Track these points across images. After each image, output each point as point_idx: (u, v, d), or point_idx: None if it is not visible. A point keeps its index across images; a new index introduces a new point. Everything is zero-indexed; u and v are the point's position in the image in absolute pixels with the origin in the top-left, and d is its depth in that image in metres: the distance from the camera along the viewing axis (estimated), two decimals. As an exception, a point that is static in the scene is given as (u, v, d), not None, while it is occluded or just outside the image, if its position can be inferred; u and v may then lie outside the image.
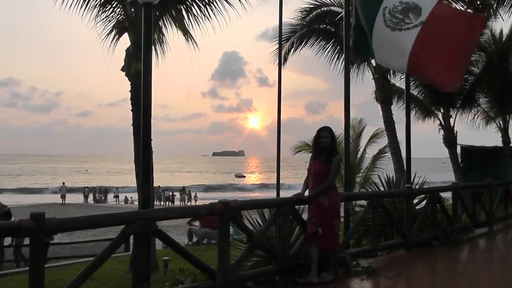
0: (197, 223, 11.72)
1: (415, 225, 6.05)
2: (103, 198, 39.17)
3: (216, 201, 3.85)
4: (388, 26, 5.50)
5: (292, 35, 11.30)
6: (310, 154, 4.60)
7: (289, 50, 11.32)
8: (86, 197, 38.17)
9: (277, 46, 9.57)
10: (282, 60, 9.32)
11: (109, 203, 37.28)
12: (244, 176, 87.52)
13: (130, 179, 53.73)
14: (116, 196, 39.05)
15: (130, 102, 7.60)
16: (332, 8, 11.13)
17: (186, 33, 8.04)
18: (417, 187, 7.14)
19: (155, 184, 26.80)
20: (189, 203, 35.30)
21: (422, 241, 6.16)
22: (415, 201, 6.58)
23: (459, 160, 14.56)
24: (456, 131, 14.64)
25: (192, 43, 8.07)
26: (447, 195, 7.43)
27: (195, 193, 37.58)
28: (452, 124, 14.60)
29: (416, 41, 5.26)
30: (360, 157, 12.93)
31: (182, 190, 37.14)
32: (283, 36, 9.88)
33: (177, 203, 35.13)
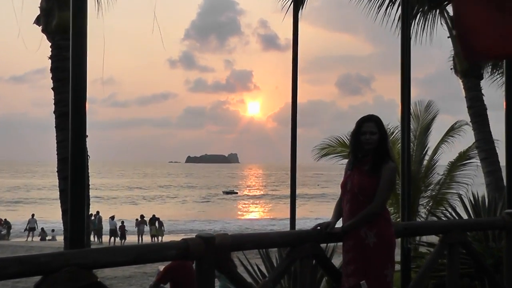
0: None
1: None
2: (3, 232, 39.27)
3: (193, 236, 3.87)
4: None
5: None
6: (346, 160, 4.62)
7: None
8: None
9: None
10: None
11: (14, 240, 37.25)
12: (236, 193, 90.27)
13: (51, 202, 53.83)
14: (30, 229, 39.15)
15: (50, 75, 7.65)
16: None
17: None
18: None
19: (91, 211, 26.90)
20: (154, 239, 35.46)
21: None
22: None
23: None
24: None
25: None
26: None
27: (157, 220, 37.70)
28: None
29: None
30: (427, 165, 12.95)
31: (141, 220, 37.28)
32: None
33: (132, 238, 35.26)
